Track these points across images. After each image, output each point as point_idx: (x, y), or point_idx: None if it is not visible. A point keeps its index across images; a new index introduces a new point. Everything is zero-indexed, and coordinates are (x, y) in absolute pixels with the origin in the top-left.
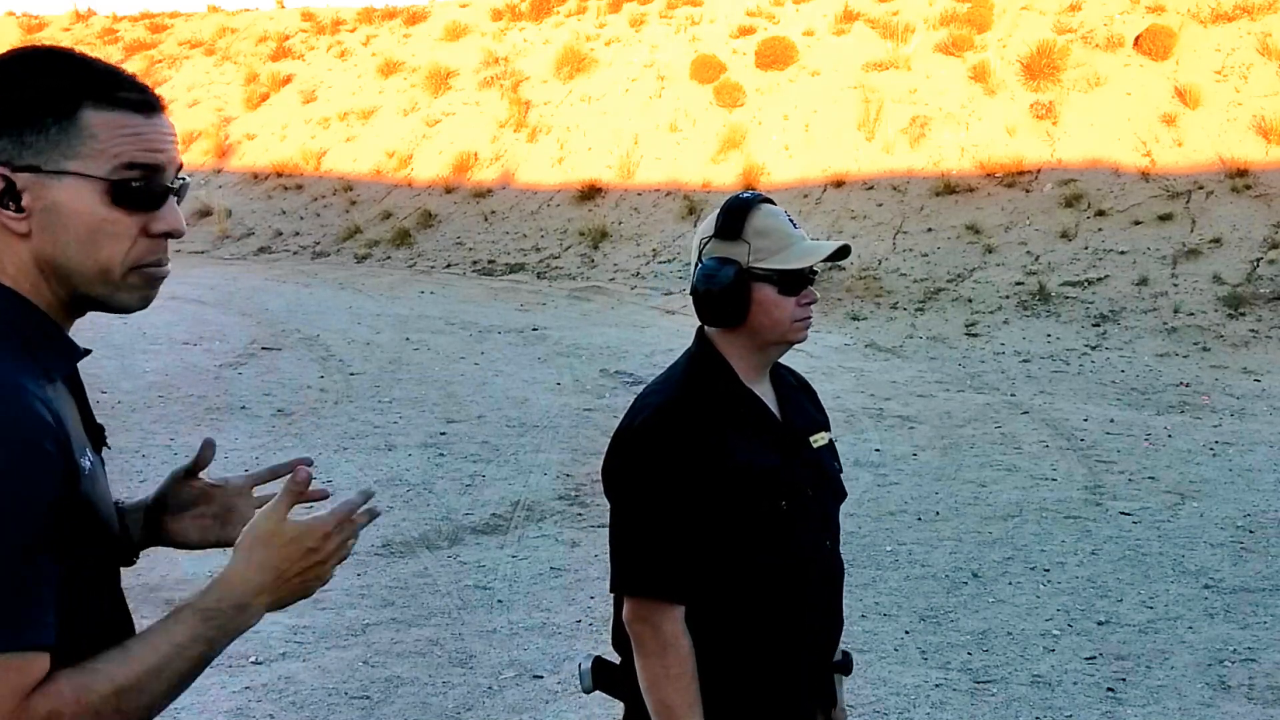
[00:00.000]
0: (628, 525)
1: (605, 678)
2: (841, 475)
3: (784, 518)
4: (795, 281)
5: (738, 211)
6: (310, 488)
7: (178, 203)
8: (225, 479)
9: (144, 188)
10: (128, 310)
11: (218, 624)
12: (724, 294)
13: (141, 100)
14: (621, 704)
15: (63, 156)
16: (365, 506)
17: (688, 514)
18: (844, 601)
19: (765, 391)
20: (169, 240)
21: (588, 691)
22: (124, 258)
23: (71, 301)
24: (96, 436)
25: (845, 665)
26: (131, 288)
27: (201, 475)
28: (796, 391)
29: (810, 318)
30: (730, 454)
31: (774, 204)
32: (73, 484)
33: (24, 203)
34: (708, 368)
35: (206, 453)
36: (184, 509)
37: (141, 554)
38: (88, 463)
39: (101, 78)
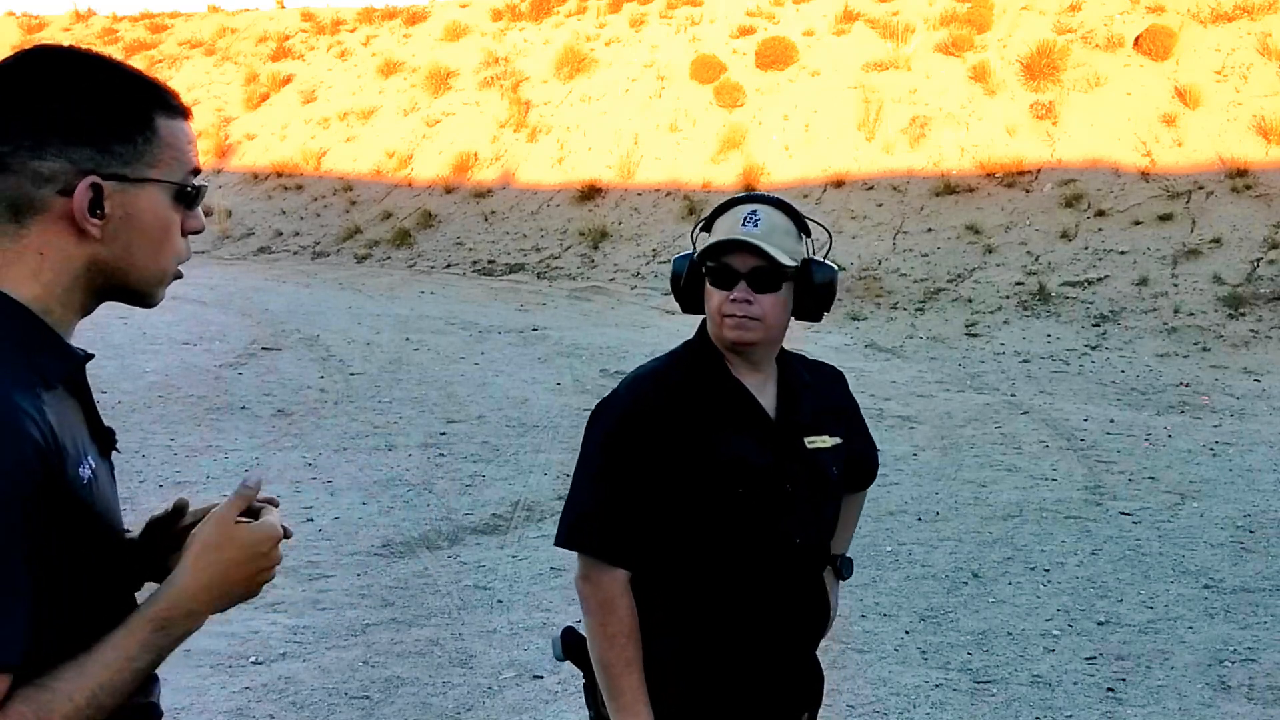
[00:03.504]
0: (581, 482)
1: (572, 648)
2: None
3: (736, 504)
4: (722, 276)
5: (721, 206)
6: (260, 495)
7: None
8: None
9: (201, 190)
10: (152, 305)
11: (168, 632)
12: (675, 281)
13: (184, 108)
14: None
15: (145, 166)
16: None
17: (639, 482)
18: (843, 601)
19: (760, 384)
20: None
21: (559, 659)
22: (178, 258)
23: (99, 298)
24: (105, 441)
25: (842, 569)
26: (167, 284)
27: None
28: (808, 391)
29: (737, 317)
30: (694, 433)
31: (774, 205)
32: (58, 496)
33: (106, 209)
34: (696, 352)
35: (179, 513)
36: (173, 548)
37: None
38: (87, 472)
39: (158, 87)
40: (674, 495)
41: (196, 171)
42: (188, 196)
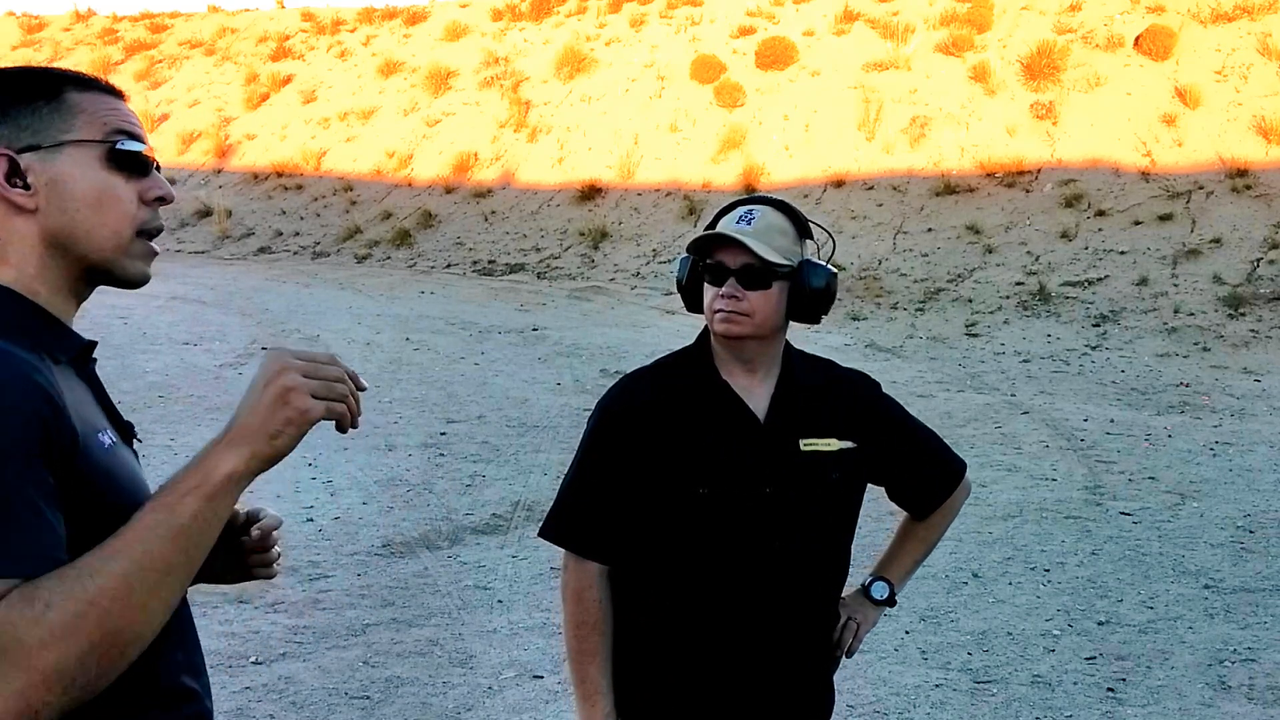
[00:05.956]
0: (567, 476)
1: None
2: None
3: (699, 505)
4: (715, 272)
5: (726, 207)
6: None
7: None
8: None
9: (135, 152)
10: (132, 282)
11: (205, 475)
12: (679, 283)
13: (112, 88)
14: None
15: (59, 132)
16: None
17: (618, 479)
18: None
19: (754, 384)
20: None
21: None
22: (132, 221)
23: (79, 279)
24: (124, 431)
25: (871, 590)
26: (136, 255)
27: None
28: (811, 393)
29: (725, 311)
30: (674, 432)
31: (774, 206)
32: (70, 449)
33: (30, 180)
34: (688, 353)
35: (247, 524)
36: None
37: None
38: (108, 439)
39: (72, 72)
40: (649, 493)
41: (131, 136)
42: (120, 157)
